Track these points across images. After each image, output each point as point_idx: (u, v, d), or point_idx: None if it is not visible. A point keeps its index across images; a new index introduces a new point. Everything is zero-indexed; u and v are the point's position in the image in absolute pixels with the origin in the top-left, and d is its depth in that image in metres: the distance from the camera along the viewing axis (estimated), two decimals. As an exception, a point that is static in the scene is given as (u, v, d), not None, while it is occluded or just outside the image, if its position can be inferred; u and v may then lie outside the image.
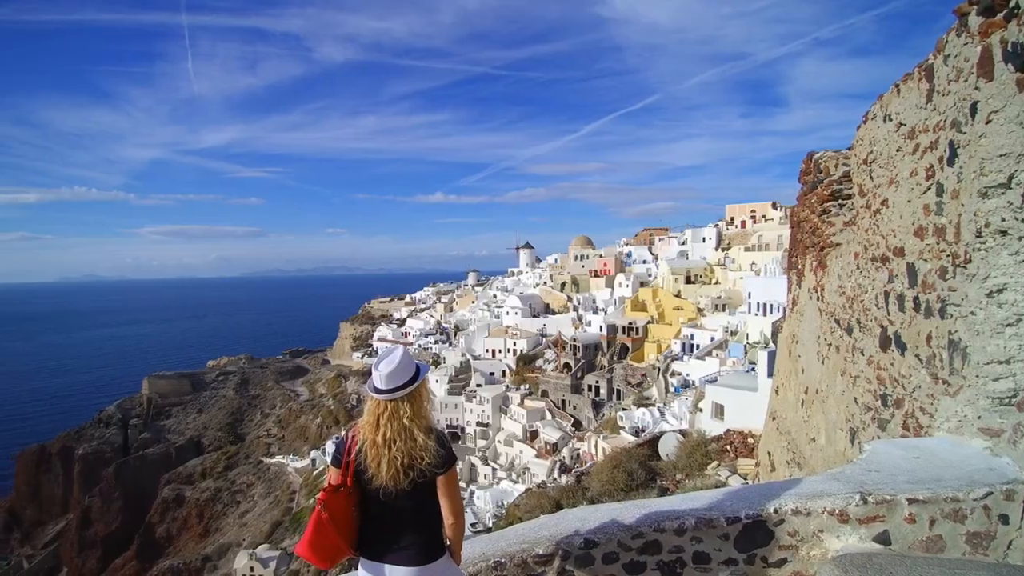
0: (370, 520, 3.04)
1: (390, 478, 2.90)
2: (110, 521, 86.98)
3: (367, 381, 3.19)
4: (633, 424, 41.88)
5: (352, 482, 3.00)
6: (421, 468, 2.91)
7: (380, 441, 2.95)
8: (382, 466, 2.91)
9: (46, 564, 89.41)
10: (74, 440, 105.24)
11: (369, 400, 3.12)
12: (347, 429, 3.29)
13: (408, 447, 2.92)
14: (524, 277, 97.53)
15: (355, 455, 3.02)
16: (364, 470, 2.96)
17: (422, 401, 3.11)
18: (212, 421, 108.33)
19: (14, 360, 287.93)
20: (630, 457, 19.42)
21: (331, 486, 3.03)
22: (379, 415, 3.01)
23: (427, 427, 3.03)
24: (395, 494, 2.92)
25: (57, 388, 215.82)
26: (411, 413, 3.01)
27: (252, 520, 69.08)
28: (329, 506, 2.92)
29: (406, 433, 2.96)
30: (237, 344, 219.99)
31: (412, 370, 3.09)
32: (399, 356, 3.10)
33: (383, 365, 3.04)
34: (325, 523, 2.89)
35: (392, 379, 3.01)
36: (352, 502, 2.99)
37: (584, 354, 58.32)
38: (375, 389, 3.04)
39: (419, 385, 3.11)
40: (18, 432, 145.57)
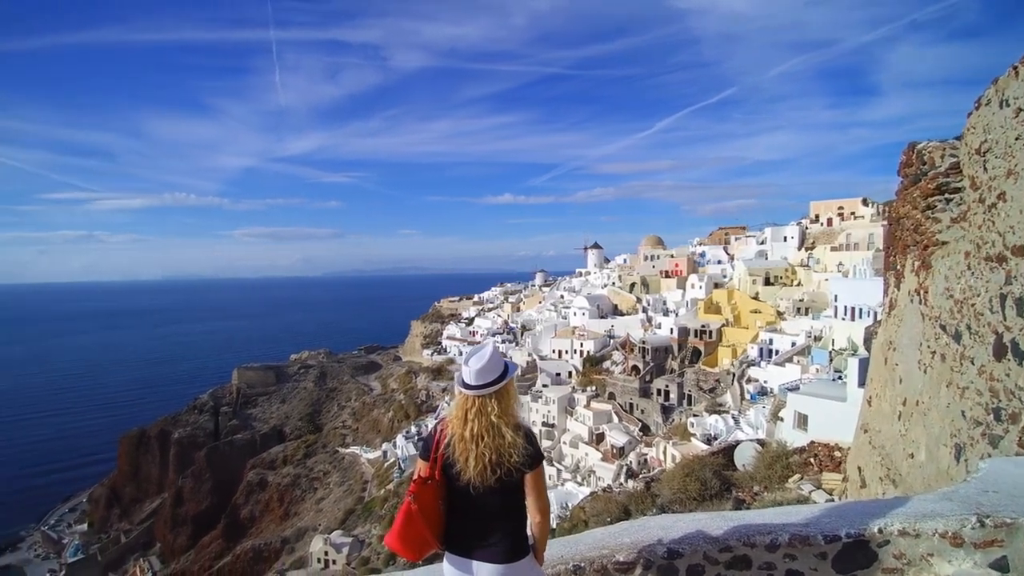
0: (457, 515, 3.05)
1: (477, 474, 2.91)
2: (200, 501, 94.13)
3: (456, 376, 3.23)
4: (705, 431, 40.41)
5: (440, 476, 3.03)
6: (508, 465, 2.91)
7: (468, 436, 2.97)
8: (470, 461, 2.93)
9: (141, 539, 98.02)
10: (171, 425, 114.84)
11: (457, 395, 3.15)
12: (436, 422, 3.34)
13: (496, 444, 2.93)
14: (592, 278, 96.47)
15: (443, 449, 3.06)
16: (452, 464, 2.99)
17: (510, 398, 3.12)
18: (293, 411, 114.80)
19: (122, 351, 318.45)
20: (703, 465, 18.68)
21: (420, 478, 3.07)
22: (467, 410, 3.04)
23: (515, 424, 3.04)
24: (482, 490, 2.93)
25: (158, 376, 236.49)
26: (499, 410, 3.02)
27: (327, 506, 72.50)
28: (419, 498, 2.97)
29: (494, 430, 2.97)
30: (317, 339, 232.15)
31: (501, 367, 3.11)
32: (489, 352, 3.12)
33: (473, 361, 3.07)
34: (415, 515, 2.94)
35: (482, 375, 3.03)
36: (440, 496, 3.02)
37: (653, 357, 56.88)
38: (464, 384, 3.08)
39: (508, 382, 3.11)
40: (123, 416, 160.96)
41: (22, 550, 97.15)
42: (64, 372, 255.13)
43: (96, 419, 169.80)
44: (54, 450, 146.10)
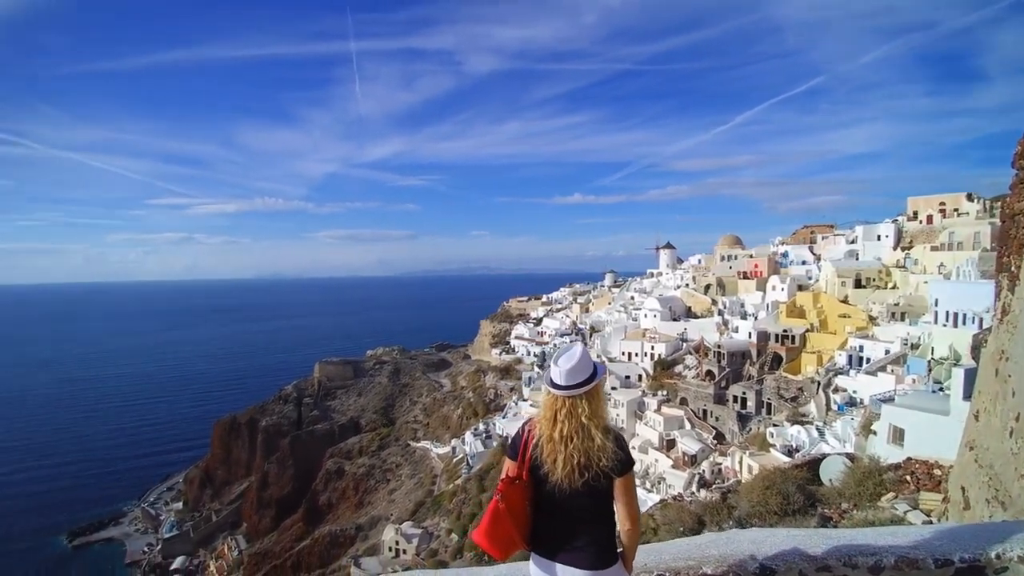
0: (544, 517, 3.02)
1: (565, 476, 2.88)
2: (283, 486, 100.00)
3: (545, 375, 3.21)
4: (785, 442, 38.26)
5: (528, 476, 3.03)
6: (597, 469, 2.86)
7: (557, 437, 2.94)
8: (558, 463, 2.90)
9: (230, 519, 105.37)
10: (259, 413, 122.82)
11: (546, 395, 3.13)
12: (524, 422, 3.32)
13: (585, 446, 2.89)
14: (664, 278, 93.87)
15: (532, 450, 3.05)
16: (540, 465, 2.98)
17: (600, 400, 3.07)
18: (369, 404, 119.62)
19: (218, 343, 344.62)
20: (785, 478, 17.65)
21: (508, 477, 3.07)
22: (556, 411, 3.00)
23: (605, 427, 2.99)
24: (570, 493, 2.89)
25: (248, 368, 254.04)
26: (589, 411, 2.97)
27: (399, 498, 74.92)
28: (507, 498, 2.97)
29: (583, 431, 2.92)
30: (392, 336, 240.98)
31: (591, 368, 3.07)
32: (579, 353, 3.08)
33: (563, 361, 3.04)
34: (503, 514, 2.95)
35: (572, 375, 2.99)
36: (527, 496, 3.02)
37: (730, 362, 54.53)
38: (553, 384, 3.05)
39: (598, 384, 3.07)
40: (217, 403, 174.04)
41: (124, 524, 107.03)
42: (167, 363, 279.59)
43: (194, 406, 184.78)
44: (156, 433, 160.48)
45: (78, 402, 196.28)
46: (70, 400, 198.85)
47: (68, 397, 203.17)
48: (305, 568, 66.52)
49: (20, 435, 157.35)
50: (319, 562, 66.30)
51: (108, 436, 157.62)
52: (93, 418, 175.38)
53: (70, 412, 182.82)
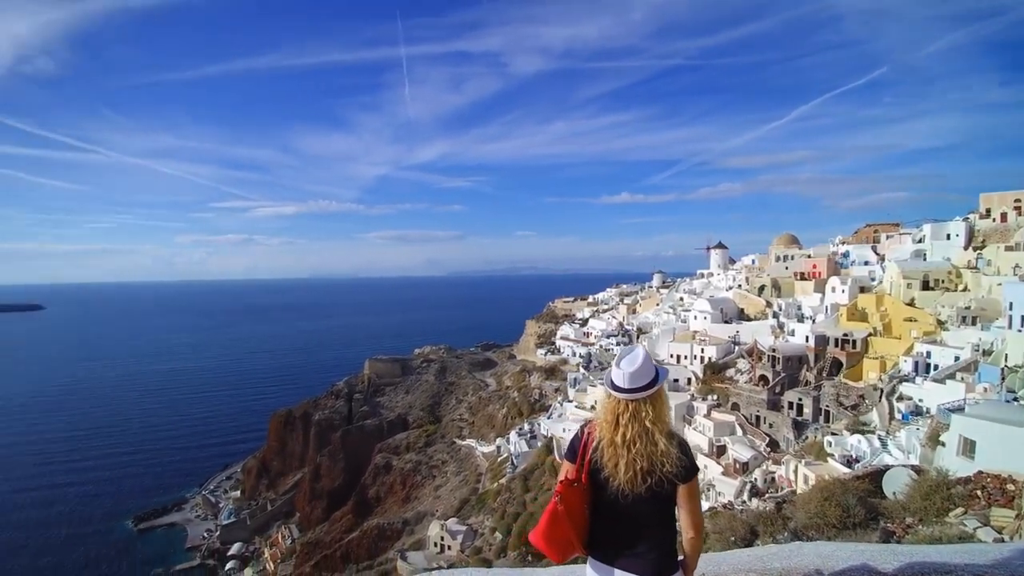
0: (603, 521, 3.00)
1: (627, 481, 2.85)
2: (334, 478, 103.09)
3: (605, 377, 3.18)
4: (844, 452, 36.50)
5: (587, 479, 3.01)
6: (661, 475, 2.83)
7: (619, 441, 2.92)
8: (620, 467, 2.88)
9: (284, 508, 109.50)
10: (312, 407, 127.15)
11: (606, 398, 3.09)
12: (583, 424, 3.28)
13: (648, 451, 2.86)
14: (715, 279, 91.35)
15: (591, 452, 3.03)
16: (600, 469, 2.96)
17: (663, 404, 3.05)
18: (416, 402, 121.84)
19: (275, 340, 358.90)
20: (845, 490, 16.81)
21: (567, 480, 3.05)
22: (619, 414, 2.98)
23: (668, 432, 2.95)
24: (632, 498, 2.85)
25: (303, 363, 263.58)
26: (653, 416, 2.95)
27: (444, 494, 75.93)
28: (565, 499, 2.95)
29: (647, 436, 2.89)
30: (439, 335, 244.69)
31: (654, 371, 3.05)
32: (642, 355, 3.06)
33: (625, 363, 3.02)
34: (561, 516, 2.93)
35: (635, 378, 2.98)
36: (586, 499, 3.00)
37: (785, 367, 52.51)
38: (615, 387, 3.02)
39: (661, 388, 3.06)
40: (274, 397, 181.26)
41: (185, 510, 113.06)
42: (228, 358, 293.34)
43: (252, 399, 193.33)
44: (217, 424, 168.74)
45: (146, 394, 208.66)
46: (139, 392, 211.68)
47: (137, 389, 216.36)
48: (354, 559, 68.37)
49: (94, 424, 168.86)
50: (367, 554, 68.02)
51: (173, 426, 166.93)
52: (160, 409, 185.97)
53: (139, 403, 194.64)
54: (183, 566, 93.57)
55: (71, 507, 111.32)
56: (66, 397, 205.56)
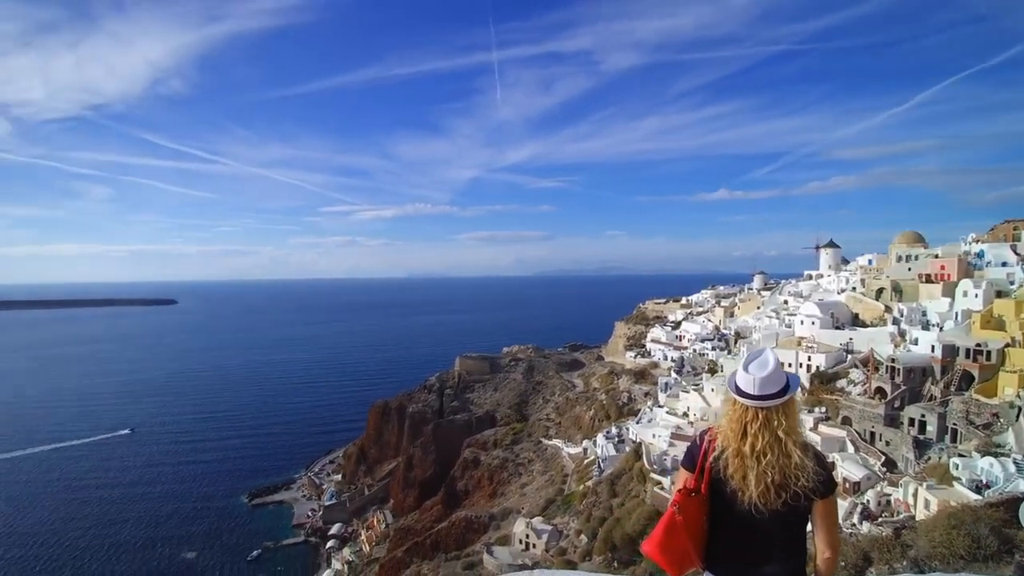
0: (726, 536, 2.82)
1: (760, 495, 2.65)
2: (426, 469, 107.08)
3: (728, 381, 2.99)
4: (973, 476, 32.17)
5: (706, 489, 2.86)
6: (796, 489, 2.63)
7: (747, 451, 2.74)
8: (749, 480, 2.70)
9: (379, 494, 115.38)
10: (407, 400, 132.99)
11: (731, 404, 2.93)
12: (702, 432, 3.12)
13: (781, 463, 2.66)
14: (825, 281, 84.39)
15: (712, 462, 2.87)
16: (723, 480, 2.81)
17: (796, 413, 2.84)
18: (504, 399, 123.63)
19: (374, 335, 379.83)
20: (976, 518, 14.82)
21: (685, 489, 2.91)
22: (747, 423, 2.79)
23: (803, 444, 2.74)
24: (762, 513, 2.67)
25: (399, 358, 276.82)
26: (787, 426, 2.74)
27: (530, 492, 76.24)
28: (684, 509, 2.82)
29: (779, 447, 2.69)
30: (527, 335, 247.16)
31: (785, 377, 2.85)
32: (772, 360, 2.87)
33: (755, 368, 2.85)
34: (679, 526, 2.79)
35: (767, 384, 2.78)
36: (704, 510, 2.87)
37: (906, 379, 47.27)
38: (741, 393, 2.85)
39: (793, 396, 2.86)
40: (372, 389, 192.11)
41: (293, 490, 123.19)
42: (333, 350, 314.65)
43: (352, 389, 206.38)
44: (323, 411, 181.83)
45: (262, 381, 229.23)
46: (255, 379, 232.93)
47: (254, 377, 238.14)
48: (443, 548, 70.48)
49: (217, 408, 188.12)
50: (455, 544, 69.85)
51: (284, 412, 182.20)
52: (273, 396, 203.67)
53: (255, 390, 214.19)
54: (289, 541, 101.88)
55: (197, 482, 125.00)
56: (195, 382, 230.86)
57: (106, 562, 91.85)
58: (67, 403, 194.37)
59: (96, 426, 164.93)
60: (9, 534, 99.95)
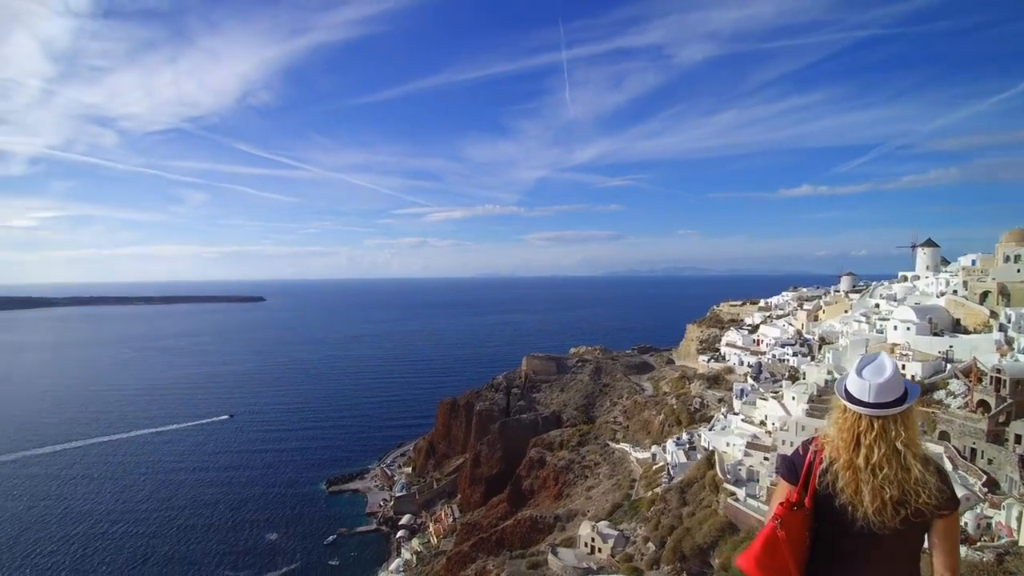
0: (829, 553, 2.69)
1: (875, 511, 2.53)
2: (492, 466, 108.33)
3: (837, 387, 2.85)
4: (1100, 504, 28.71)
5: (810, 503, 2.72)
6: (917, 506, 2.47)
7: (861, 464, 2.58)
8: (863, 495, 2.56)
9: (447, 488, 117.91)
10: (474, 398, 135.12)
11: (842, 412, 2.77)
12: (805, 442, 3.00)
13: (899, 477, 2.52)
14: (922, 283, 77.92)
15: (818, 474, 2.74)
16: (831, 494, 2.67)
17: (916, 424, 2.69)
18: (570, 400, 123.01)
19: (444, 333, 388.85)
20: (1098, 548, 13.28)
21: (787, 502, 2.77)
22: (860, 433, 2.65)
23: (923, 457, 2.58)
24: (877, 531, 2.52)
25: (468, 356, 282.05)
26: (906, 437, 2.58)
27: (596, 496, 75.39)
28: (786, 524, 2.68)
29: (898, 460, 2.55)
30: (594, 335, 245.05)
31: (902, 384, 2.65)
32: (890, 365, 2.71)
33: (870, 372, 2.68)
34: (780, 542, 2.67)
35: (884, 391, 2.60)
36: (808, 525, 2.72)
37: (1012, 392, 42.84)
38: (854, 399, 2.69)
39: (913, 405, 2.68)
40: (441, 385, 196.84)
41: (367, 479, 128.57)
42: (405, 347, 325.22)
43: (423, 385, 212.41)
44: (395, 406, 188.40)
45: (341, 375, 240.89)
46: (333, 374, 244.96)
47: (332, 372, 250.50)
48: (508, 546, 71.17)
49: (302, 398, 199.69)
50: (520, 543, 70.32)
51: (360, 404, 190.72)
52: (350, 389, 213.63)
53: (335, 382, 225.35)
54: (362, 528, 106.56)
55: (282, 468, 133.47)
56: (281, 374, 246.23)
57: (199, 542, 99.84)
58: (170, 390, 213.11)
59: (198, 412, 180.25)
60: (112, 511, 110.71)
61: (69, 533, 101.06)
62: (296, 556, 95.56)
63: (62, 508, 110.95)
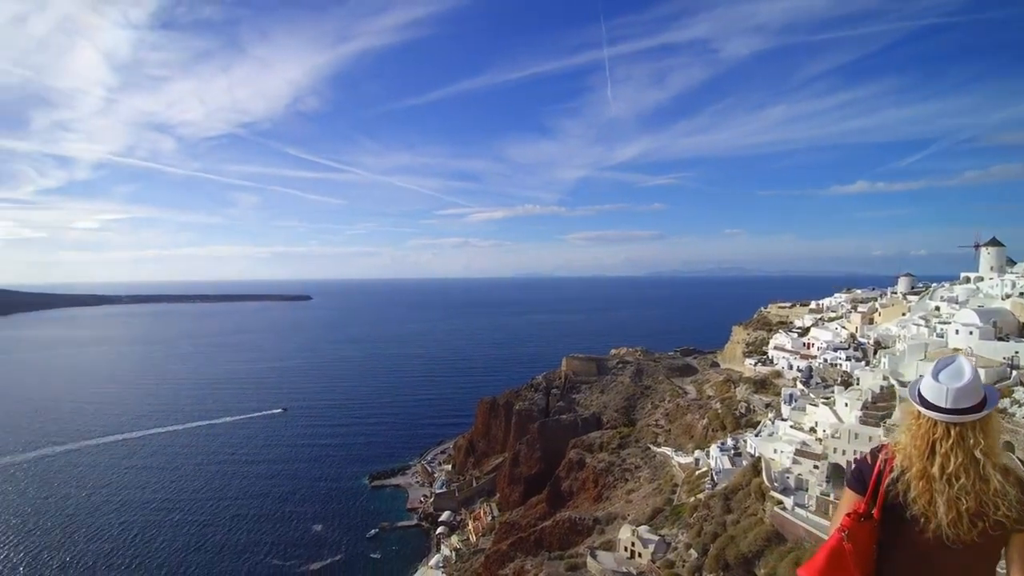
0: (898, 567, 2.51)
1: (950, 523, 2.35)
2: (531, 466, 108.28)
3: (911, 391, 2.68)
4: None
5: (880, 514, 2.59)
6: (996, 519, 2.29)
7: (936, 474, 2.42)
8: (937, 506, 2.40)
9: (486, 487, 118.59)
10: (513, 397, 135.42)
11: (915, 418, 2.60)
12: (874, 449, 2.81)
13: (977, 488, 2.35)
14: (986, 285, 73.29)
15: (889, 484, 2.58)
16: (901, 504, 2.52)
17: (996, 433, 2.50)
18: (610, 402, 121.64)
19: (484, 333, 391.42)
20: None
21: (854, 513, 2.64)
22: (935, 441, 2.48)
23: (1003, 467, 2.38)
24: (952, 545, 2.37)
25: (507, 355, 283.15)
26: (985, 445, 2.40)
27: (637, 499, 74.24)
28: (853, 536, 2.56)
29: (976, 470, 2.39)
30: (635, 336, 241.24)
31: (981, 390, 2.48)
32: (969, 369, 2.52)
33: (947, 377, 2.50)
34: (846, 555, 2.52)
35: (963, 396, 2.43)
36: (876, 538, 2.59)
37: (1097, 403, 39.69)
38: (928, 404, 2.52)
39: (993, 412, 2.50)
40: (481, 384, 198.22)
41: (408, 475, 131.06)
42: (445, 346, 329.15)
43: (463, 384, 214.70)
44: (436, 404, 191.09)
45: (384, 373, 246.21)
46: (376, 371, 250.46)
47: (375, 369, 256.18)
48: (546, 546, 70.93)
49: (346, 395, 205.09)
50: (559, 544, 69.98)
51: (402, 401, 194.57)
52: (392, 386, 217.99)
53: (378, 380, 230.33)
54: (403, 523, 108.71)
55: (327, 463, 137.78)
56: (327, 370, 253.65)
57: (249, 531, 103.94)
58: (225, 384, 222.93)
59: (252, 405, 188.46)
60: (168, 499, 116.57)
61: (129, 519, 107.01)
62: (340, 548, 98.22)
63: (122, 496, 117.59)
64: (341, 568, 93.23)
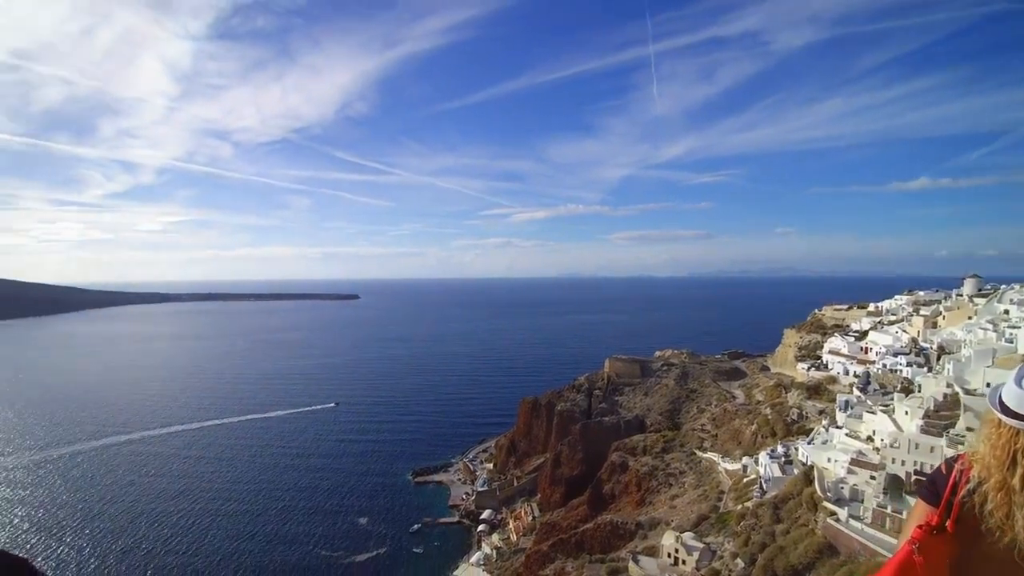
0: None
1: None
2: (573, 467, 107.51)
3: (991, 398, 2.50)
4: None
5: (954, 527, 2.45)
6: None
7: (1017, 485, 2.29)
8: (1015, 519, 2.27)
9: (528, 487, 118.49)
10: (555, 398, 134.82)
11: (995, 427, 2.44)
12: (949, 459, 2.66)
13: None
14: (1067, 289, 67.95)
15: (965, 495, 2.45)
16: (977, 517, 2.39)
17: None
18: (655, 405, 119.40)
19: (526, 332, 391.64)
20: None
21: (927, 525, 2.51)
22: (1017, 451, 2.33)
23: None
24: None
25: (550, 356, 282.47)
26: None
27: (681, 505, 72.55)
28: (924, 550, 2.42)
29: None
30: (680, 338, 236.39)
31: None
32: None
33: None
34: (918, 569, 2.40)
35: None
36: (949, 552, 2.45)
37: None
38: (1014, 414, 2.36)
39: None
40: (523, 384, 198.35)
41: (450, 472, 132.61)
42: (489, 345, 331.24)
43: (505, 383, 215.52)
44: (479, 402, 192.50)
45: (429, 371, 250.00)
46: (421, 369, 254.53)
47: (420, 367, 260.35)
48: (587, 549, 70.25)
49: (393, 392, 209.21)
50: (600, 547, 69.18)
51: (446, 399, 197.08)
52: (437, 384, 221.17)
53: (421, 378, 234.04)
54: (445, 520, 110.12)
55: (374, 458, 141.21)
56: (374, 367, 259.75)
57: (299, 523, 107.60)
58: (279, 379, 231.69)
59: (304, 400, 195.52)
60: (223, 489, 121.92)
61: (186, 507, 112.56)
62: (384, 542, 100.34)
63: (181, 485, 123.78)
64: (385, 561, 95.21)
